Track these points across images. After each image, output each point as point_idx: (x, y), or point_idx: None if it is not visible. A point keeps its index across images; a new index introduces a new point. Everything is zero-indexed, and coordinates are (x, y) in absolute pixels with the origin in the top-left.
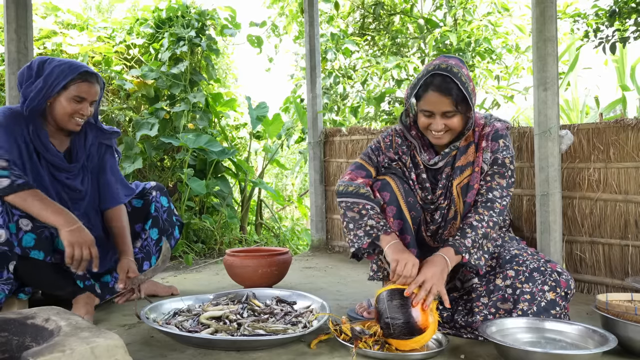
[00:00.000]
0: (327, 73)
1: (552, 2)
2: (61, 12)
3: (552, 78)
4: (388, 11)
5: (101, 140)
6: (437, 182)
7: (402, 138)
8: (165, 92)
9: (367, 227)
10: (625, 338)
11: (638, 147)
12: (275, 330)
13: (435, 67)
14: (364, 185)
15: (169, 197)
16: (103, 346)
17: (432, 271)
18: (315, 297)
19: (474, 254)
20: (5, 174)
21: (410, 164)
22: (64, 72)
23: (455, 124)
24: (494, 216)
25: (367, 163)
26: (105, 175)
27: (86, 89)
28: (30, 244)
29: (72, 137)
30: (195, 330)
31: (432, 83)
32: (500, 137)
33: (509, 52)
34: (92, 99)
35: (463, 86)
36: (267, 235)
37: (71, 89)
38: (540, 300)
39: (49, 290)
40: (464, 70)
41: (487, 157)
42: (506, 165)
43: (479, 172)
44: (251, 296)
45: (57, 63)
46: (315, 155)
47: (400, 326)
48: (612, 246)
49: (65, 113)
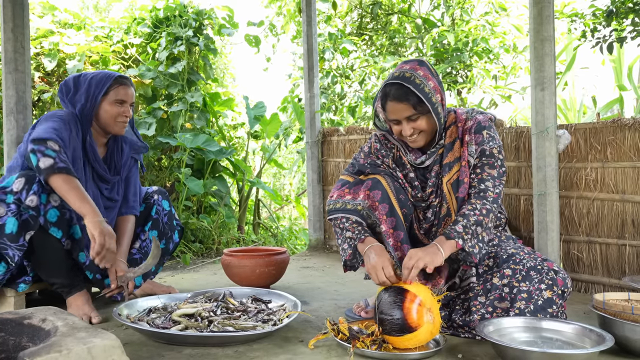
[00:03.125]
0: (324, 73)
1: (550, 2)
2: (58, 12)
3: (550, 78)
4: (386, 11)
5: (132, 155)
6: (426, 180)
7: (381, 143)
8: (163, 92)
9: (347, 239)
10: (622, 337)
11: (635, 146)
12: (244, 327)
13: (389, 77)
14: (350, 200)
15: (170, 202)
16: (100, 346)
17: (420, 252)
18: (289, 296)
19: (468, 240)
20: (52, 155)
21: (394, 165)
22: (102, 80)
23: (424, 125)
24: (487, 204)
25: (351, 176)
26: (129, 186)
27: (124, 91)
28: (53, 220)
29: (109, 149)
30: (166, 327)
31: (389, 93)
32: (483, 129)
33: (506, 51)
34: (130, 101)
35: (417, 88)
36: (265, 235)
37: (111, 94)
38: (537, 298)
39: (51, 276)
40: (420, 72)
41: (472, 150)
42: (494, 156)
43: (466, 166)
44: (228, 295)
45: (91, 75)
46: (313, 155)
47: (390, 322)
48: (609, 246)
49: (110, 117)
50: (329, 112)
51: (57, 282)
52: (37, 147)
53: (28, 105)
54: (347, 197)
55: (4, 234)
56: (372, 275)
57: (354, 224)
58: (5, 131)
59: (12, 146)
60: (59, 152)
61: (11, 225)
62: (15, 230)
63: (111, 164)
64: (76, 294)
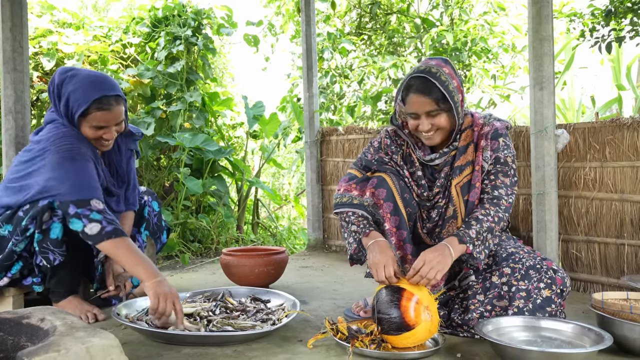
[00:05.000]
0: (323, 72)
1: (548, 1)
2: (57, 11)
3: (548, 77)
4: (385, 10)
5: (129, 147)
6: (434, 180)
7: (391, 139)
8: (162, 91)
9: (352, 232)
10: (620, 336)
11: (634, 146)
12: (243, 326)
13: (414, 70)
14: (357, 196)
15: (159, 202)
16: (98, 346)
17: (432, 255)
18: (288, 296)
19: (477, 246)
20: (98, 218)
21: (402, 162)
22: (78, 101)
23: (443, 122)
24: (500, 212)
25: (359, 171)
26: (129, 182)
27: (104, 117)
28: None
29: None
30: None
31: (413, 86)
32: (500, 136)
33: (505, 51)
34: (115, 122)
35: (442, 85)
36: (264, 235)
37: (90, 118)
38: (536, 297)
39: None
40: (445, 69)
41: (487, 156)
42: (509, 164)
43: (479, 170)
44: (227, 294)
45: (72, 88)
46: (312, 155)
47: (388, 321)
48: (607, 245)
49: (89, 138)
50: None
51: (59, 288)
52: (82, 212)
53: (27, 104)
54: (354, 192)
55: (48, 238)
56: (373, 272)
57: (360, 218)
58: (3, 131)
59: (11, 146)
60: (103, 212)
61: (57, 230)
62: (60, 235)
63: (111, 166)
64: (69, 297)
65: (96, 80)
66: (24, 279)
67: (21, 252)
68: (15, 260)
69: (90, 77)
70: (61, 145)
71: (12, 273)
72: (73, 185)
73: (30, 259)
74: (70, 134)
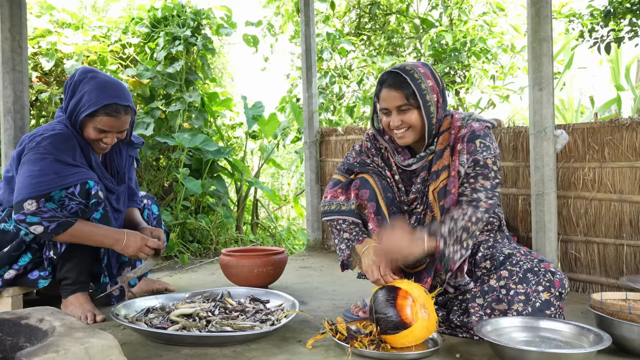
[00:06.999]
0: (323, 73)
1: (547, 2)
2: (56, 11)
3: (547, 78)
4: (384, 11)
5: (129, 153)
6: (411, 185)
7: (372, 141)
8: (161, 92)
9: (344, 240)
10: (619, 337)
11: (633, 146)
12: (242, 327)
13: (390, 68)
14: (344, 201)
15: (159, 206)
16: (97, 346)
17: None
18: (287, 296)
19: (449, 245)
20: (36, 220)
21: (382, 164)
22: (90, 102)
23: (413, 119)
24: (478, 213)
25: (342, 175)
26: (131, 183)
27: (109, 123)
28: (97, 217)
29: (106, 153)
30: (164, 327)
31: (385, 81)
32: (477, 138)
33: (504, 52)
34: (117, 130)
35: (414, 81)
36: (263, 235)
37: (96, 120)
38: (534, 301)
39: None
40: (420, 69)
41: (463, 160)
42: (489, 167)
43: (455, 176)
44: (226, 295)
45: (88, 88)
46: (311, 155)
47: (385, 320)
48: (606, 245)
49: (90, 138)
50: (327, 112)
51: (71, 278)
52: (17, 217)
53: (25, 105)
54: (341, 197)
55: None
56: (368, 274)
57: (351, 225)
58: (2, 131)
59: (10, 145)
60: (38, 212)
61: None
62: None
63: (112, 169)
64: (79, 292)
65: (112, 87)
66: (29, 272)
67: (30, 242)
68: (24, 251)
69: (109, 83)
70: (33, 146)
71: (19, 265)
72: (18, 189)
73: (39, 252)
74: (56, 133)
